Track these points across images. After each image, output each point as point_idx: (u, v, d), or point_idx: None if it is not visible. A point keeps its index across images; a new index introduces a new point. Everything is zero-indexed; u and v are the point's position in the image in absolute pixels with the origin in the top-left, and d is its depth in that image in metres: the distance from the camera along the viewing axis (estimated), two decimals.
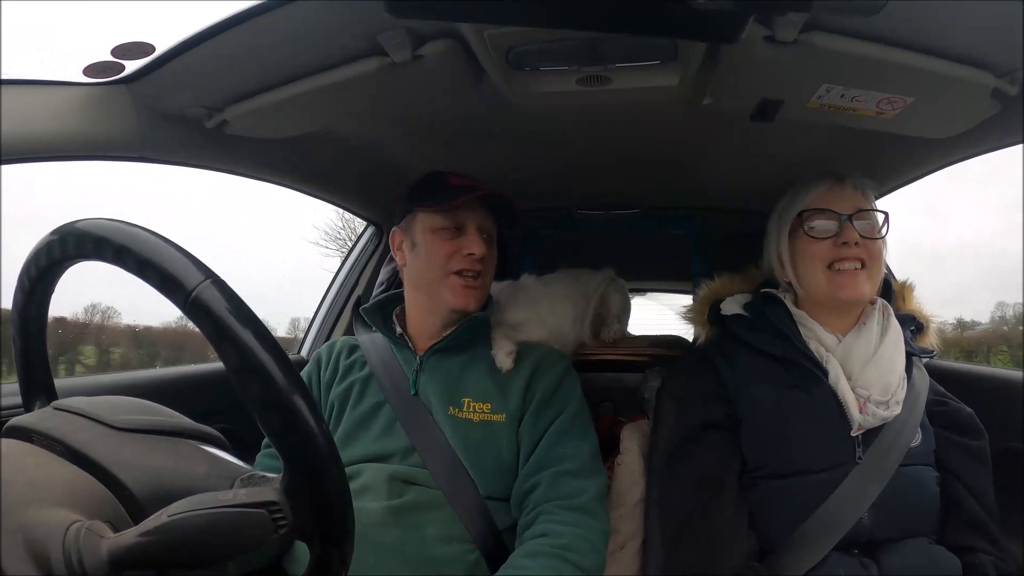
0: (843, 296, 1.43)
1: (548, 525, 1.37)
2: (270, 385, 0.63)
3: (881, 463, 1.35)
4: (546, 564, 1.30)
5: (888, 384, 1.38)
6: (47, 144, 1.28)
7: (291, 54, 1.31)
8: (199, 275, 0.65)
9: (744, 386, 1.45)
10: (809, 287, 1.48)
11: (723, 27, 1.06)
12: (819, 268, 1.44)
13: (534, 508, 1.41)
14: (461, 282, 1.53)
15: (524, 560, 1.32)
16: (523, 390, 1.51)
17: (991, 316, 15.04)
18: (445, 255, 1.54)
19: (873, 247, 1.44)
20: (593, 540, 1.37)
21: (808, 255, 1.47)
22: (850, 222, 1.43)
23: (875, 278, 1.45)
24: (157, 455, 0.71)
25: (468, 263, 1.53)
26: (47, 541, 0.58)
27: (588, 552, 1.35)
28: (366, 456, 1.47)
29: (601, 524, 1.41)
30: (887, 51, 1.20)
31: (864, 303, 1.47)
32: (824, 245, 1.44)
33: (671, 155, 2.02)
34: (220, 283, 0.66)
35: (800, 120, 1.46)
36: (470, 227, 1.54)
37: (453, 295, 1.54)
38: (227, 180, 1.82)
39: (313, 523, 0.66)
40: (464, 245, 1.53)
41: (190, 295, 0.64)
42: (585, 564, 1.33)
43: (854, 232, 1.42)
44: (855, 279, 1.42)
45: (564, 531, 1.35)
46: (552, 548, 1.32)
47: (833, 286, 1.43)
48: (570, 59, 1.32)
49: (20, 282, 0.79)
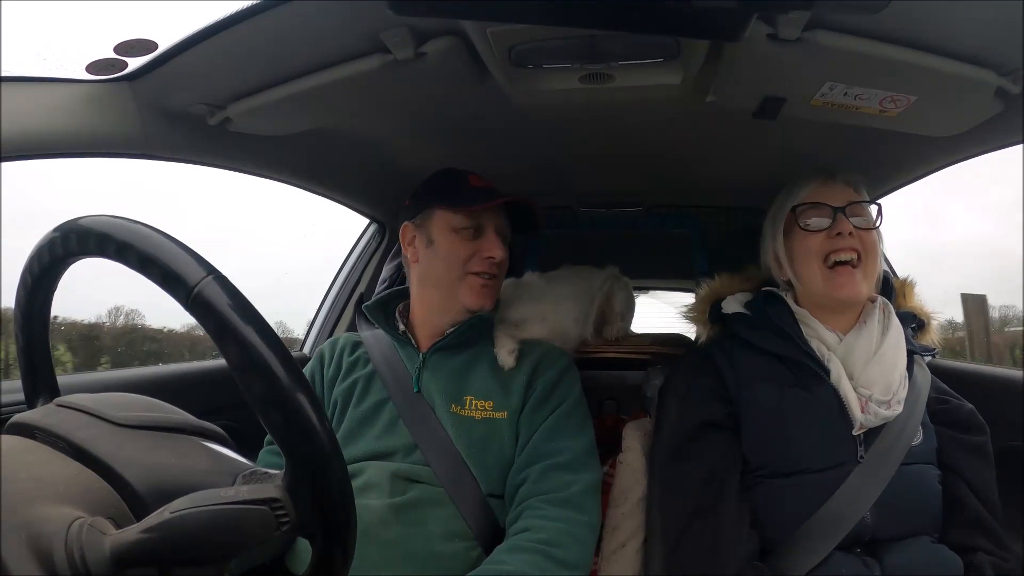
0: (841, 295, 1.42)
1: (531, 520, 1.36)
2: (272, 382, 0.63)
3: (883, 462, 1.35)
4: (526, 559, 1.29)
5: (890, 383, 1.38)
6: (50, 141, 1.28)
7: (294, 51, 1.32)
8: (201, 271, 0.65)
9: (746, 385, 1.45)
10: (807, 285, 1.47)
11: (726, 25, 1.06)
12: (815, 263, 1.44)
13: (521, 502, 1.41)
14: (479, 282, 1.55)
15: (503, 555, 1.32)
16: (524, 387, 1.51)
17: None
18: (465, 255, 1.55)
19: (867, 238, 1.43)
20: (577, 533, 1.36)
21: (803, 250, 1.46)
22: (843, 214, 1.43)
23: (872, 275, 1.45)
24: (159, 451, 0.71)
25: (486, 265, 1.54)
26: (50, 538, 0.58)
27: (571, 546, 1.33)
28: (369, 453, 1.47)
29: (588, 517, 1.40)
30: (890, 49, 1.20)
31: (862, 302, 1.46)
32: (818, 238, 1.44)
33: (674, 153, 2.02)
34: (222, 279, 0.66)
35: (803, 118, 1.46)
36: (489, 229, 1.55)
37: (471, 295, 1.55)
38: (243, 180, 1.83)
39: (315, 520, 0.66)
40: (484, 247, 1.54)
41: (192, 291, 0.64)
42: (568, 558, 1.31)
43: (848, 223, 1.42)
44: (852, 278, 1.42)
45: (546, 525, 1.34)
46: (532, 543, 1.32)
47: (830, 285, 1.43)
48: (573, 57, 1.32)
49: (23, 280, 0.79)
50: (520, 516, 1.39)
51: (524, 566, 1.28)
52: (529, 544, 1.31)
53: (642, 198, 2.49)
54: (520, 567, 1.28)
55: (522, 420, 1.49)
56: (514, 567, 1.28)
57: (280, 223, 11.58)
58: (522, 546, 1.32)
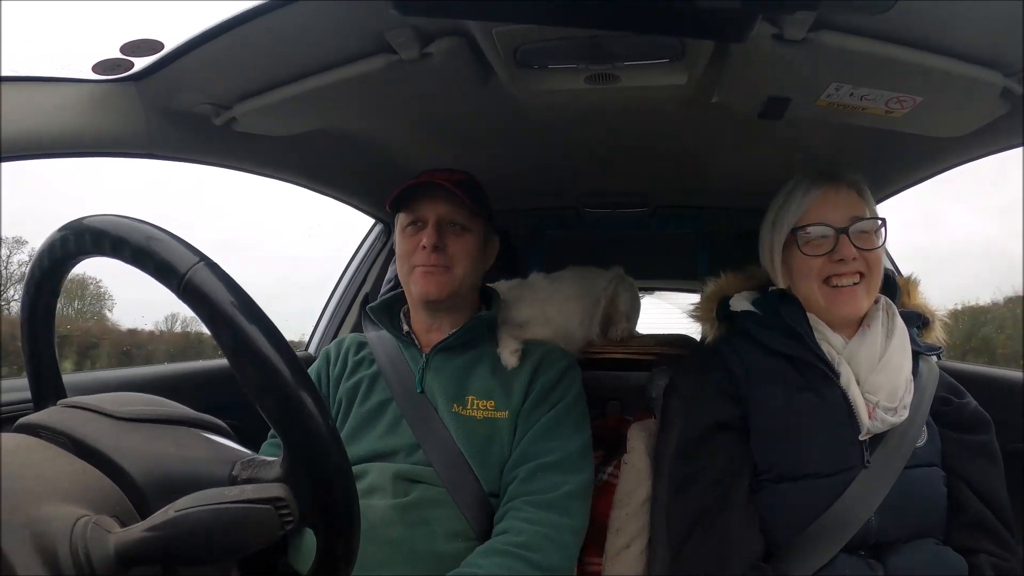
0: (841, 313, 1.41)
1: (511, 522, 1.37)
2: (265, 365, 0.63)
3: (888, 465, 1.34)
4: (499, 563, 1.30)
5: (895, 388, 1.37)
6: (57, 141, 1.28)
7: (299, 51, 1.32)
8: (192, 258, 0.66)
9: (755, 386, 1.44)
10: (806, 300, 1.46)
11: (731, 26, 1.06)
12: (815, 284, 1.43)
13: (508, 502, 1.41)
14: (421, 271, 1.55)
15: (478, 559, 1.32)
16: (525, 387, 1.52)
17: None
18: (409, 249, 1.57)
19: (872, 258, 1.41)
20: (557, 538, 1.36)
21: (803, 271, 1.44)
22: (846, 235, 1.40)
23: (874, 289, 1.43)
24: (158, 442, 0.72)
25: (422, 257, 1.54)
26: (55, 536, 0.58)
27: (549, 550, 1.33)
28: (372, 453, 1.47)
29: (571, 521, 1.40)
30: (896, 50, 1.19)
31: (862, 315, 1.44)
32: (819, 261, 1.42)
33: (679, 153, 2.02)
34: (213, 265, 0.66)
35: (809, 119, 1.45)
36: (430, 220, 1.55)
37: (416, 284, 1.56)
38: (248, 179, 1.84)
39: (316, 507, 0.66)
40: (421, 238, 1.54)
41: (183, 278, 0.65)
42: (544, 562, 1.32)
43: (851, 248, 1.39)
44: (853, 295, 1.40)
45: (526, 528, 1.35)
46: (508, 546, 1.32)
47: (830, 302, 1.41)
48: (578, 57, 1.32)
49: (26, 285, 0.79)
50: (503, 517, 1.39)
51: (497, 569, 1.29)
52: (505, 548, 1.32)
53: (647, 199, 2.49)
54: (492, 570, 1.29)
55: (520, 419, 1.49)
56: (487, 571, 1.29)
57: (286, 223, 11.64)
58: (498, 549, 1.33)
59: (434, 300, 1.55)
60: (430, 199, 1.55)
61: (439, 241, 1.53)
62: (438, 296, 1.55)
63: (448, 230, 1.55)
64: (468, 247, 1.57)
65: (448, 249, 1.54)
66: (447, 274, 1.55)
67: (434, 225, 1.54)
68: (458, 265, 1.56)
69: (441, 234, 1.54)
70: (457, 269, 1.56)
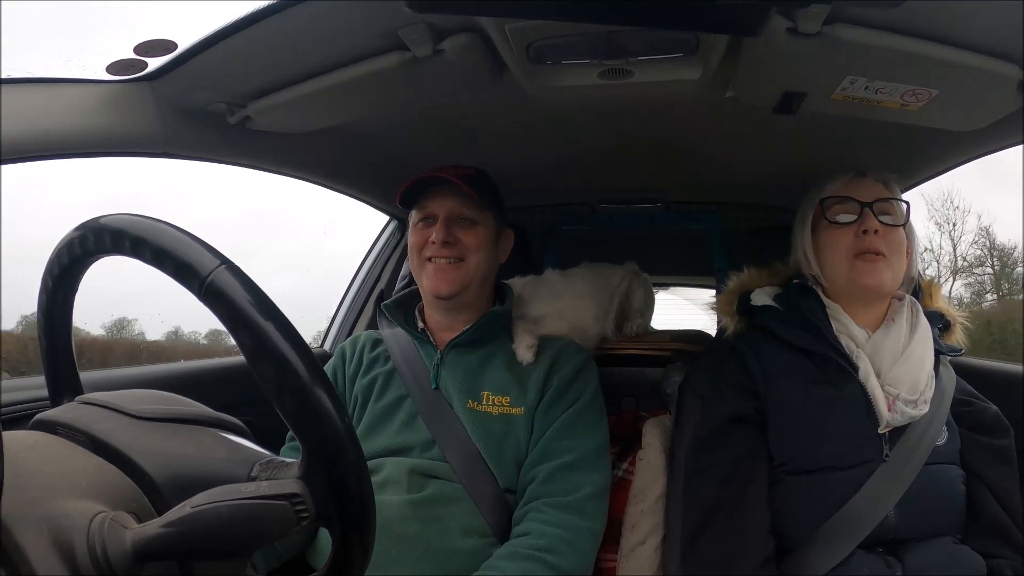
0: (865, 282, 1.41)
1: (532, 524, 1.38)
2: (285, 367, 0.63)
3: (907, 461, 1.33)
4: (522, 567, 1.32)
5: (917, 382, 1.36)
6: (72, 142, 1.29)
7: (312, 50, 1.32)
8: (214, 261, 0.66)
9: (772, 380, 1.43)
10: (832, 277, 1.46)
11: (745, 20, 1.05)
12: (841, 256, 1.43)
13: (527, 503, 1.42)
14: (432, 267, 1.57)
15: (500, 562, 1.34)
16: (541, 383, 1.52)
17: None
18: (420, 243, 1.59)
19: (894, 237, 1.42)
20: (575, 541, 1.37)
21: (829, 243, 1.46)
22: (871, 210, 1.41)
23: (898, 269, 1.43)
24: (176, 442, 0.72)
25: (433, 250, 1.56)
26: (72, 532, 0.59)
27: (568, 553, 1.35)
28: (387, 449, 1.48)
29: (590, 524, 1.41)
30: (911, 43, 1.18)
31: (886, 293, 1.45)
32: (844, 234, 1.43)
33: (693, 148, 2.01)
34: (234, 268, 0.66)
35: (824, 113, 1.44)
36: (440, 216, 1.57)
37: (428, 280, 1.58)
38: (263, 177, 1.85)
39: (332, 506, 0.66)
40: (431, 233, 1.56)
41: (205, 281, 0.65)
42: (564, 566, 1.33)
43: (874, 220, 1.41)
44: (875, 266, 1.40)
45: (546, 531, 1.36)
46: (530, 550, 1.34)
47: (855, 272, 1.41)
48: (591, 52, 1.31)
49: (44, 282, 0.79)
50: (524, 517, 1.40)
51: (520, 572, 1.31)
52: (527, 551, 1.33)
53: (662, 194, 2.49)
54: (517, 573, 1.31)
55: (537, 416, 1.49)
56: (511, 573, 1.31)
57: (302, 220, 11.71)
58: (520, 553, 1.34)
59: (445, 296, 1.56)
60: (439, 194, 1.57)
61: (448, 236, 1.55)
62: (449, 292, 1.56)
63: (458, 224, 1.57)
64: (479, 239, 1.59)
65: (459, 243, 1.56)
66: (459, 267, 1.56)
67: (444, 220, 1.56)
68: (470, 257, 1.57)
69: (451, 228, 1.56)
70: (470, 261, 1.57)
